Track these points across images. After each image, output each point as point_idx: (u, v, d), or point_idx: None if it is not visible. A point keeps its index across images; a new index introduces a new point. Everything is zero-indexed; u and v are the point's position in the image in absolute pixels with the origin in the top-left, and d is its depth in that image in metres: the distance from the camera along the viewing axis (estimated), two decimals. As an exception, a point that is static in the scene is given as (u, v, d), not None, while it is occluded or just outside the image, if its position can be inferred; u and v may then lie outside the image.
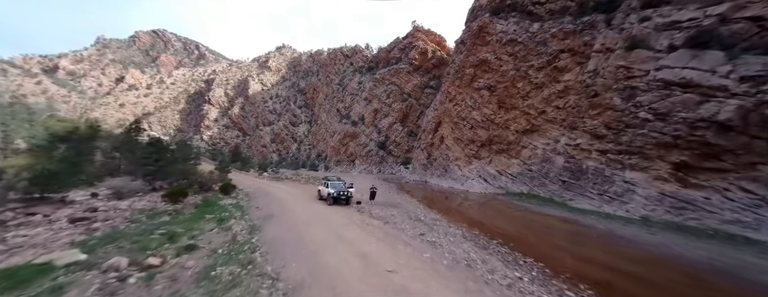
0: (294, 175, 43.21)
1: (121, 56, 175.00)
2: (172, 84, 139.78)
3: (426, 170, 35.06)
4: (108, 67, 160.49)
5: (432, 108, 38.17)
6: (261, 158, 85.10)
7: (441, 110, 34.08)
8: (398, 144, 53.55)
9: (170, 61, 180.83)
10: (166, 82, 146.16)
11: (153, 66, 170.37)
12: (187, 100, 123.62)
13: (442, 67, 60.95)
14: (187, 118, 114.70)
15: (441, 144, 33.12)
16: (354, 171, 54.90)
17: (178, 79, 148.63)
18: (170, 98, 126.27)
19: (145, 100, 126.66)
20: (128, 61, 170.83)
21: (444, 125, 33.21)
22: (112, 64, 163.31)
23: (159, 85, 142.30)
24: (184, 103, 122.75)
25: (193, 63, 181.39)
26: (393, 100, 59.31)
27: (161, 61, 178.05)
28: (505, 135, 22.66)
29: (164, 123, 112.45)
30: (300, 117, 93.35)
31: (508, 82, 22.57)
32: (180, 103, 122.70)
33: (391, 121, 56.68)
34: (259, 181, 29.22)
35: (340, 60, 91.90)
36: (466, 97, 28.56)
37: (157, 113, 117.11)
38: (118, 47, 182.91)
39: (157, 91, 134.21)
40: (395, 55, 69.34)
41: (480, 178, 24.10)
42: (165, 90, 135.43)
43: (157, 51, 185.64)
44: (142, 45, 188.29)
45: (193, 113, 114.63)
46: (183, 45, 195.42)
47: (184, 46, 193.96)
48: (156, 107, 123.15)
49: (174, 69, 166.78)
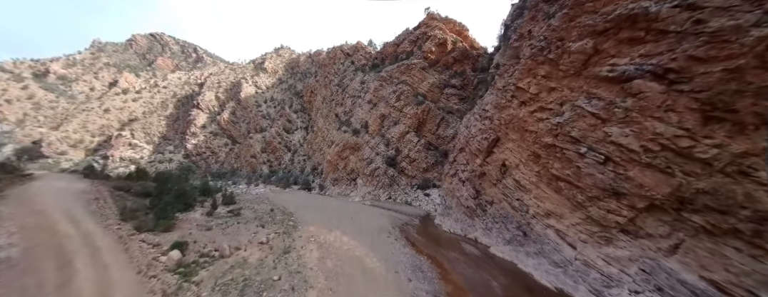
0: (266, 202, 28.53)
1: (117, 60, 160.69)
2: (164, 88, 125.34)
3: (473, 217, 20.15)
4: (101, 71, 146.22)
5: (473, 116, 23.21)
6: (250, 170, 70.47)
7: (500, 120, 19.17)
8: (413, 160, 38.71)
9: (167, 64, 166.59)
10: (160, 85, 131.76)
11: (149, 70, 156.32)
12: (176, 105, 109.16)
13: (466, 62, 46.11)
14: (173, 125, 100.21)
15: (503, 177, 18.24)
16: (355, 194, 40.08)
17: (172, 82, 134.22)
18: (159, 102, 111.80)
19: (133, 105, 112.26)
20: (124, 64, 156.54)
21: (508, 146, 18.30)
22: (106, 68, 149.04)
23: (151, 89, 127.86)
24: (173, 107, 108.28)
25: (191, 66, 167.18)
26: (404, 103, 44.51)
27: (158, 65, 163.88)
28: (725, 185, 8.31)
29: (148, 130, 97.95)
30: (295, 122, 78.67)
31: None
32: (168, 108, 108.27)
33: (402, 130, 41.89)
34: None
35: (339, 59, 77.21)
36: (575, 94, 13.82)
37: (142, 119, 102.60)
38: (114, 51, 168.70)
39: (147, 95, 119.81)
40: (405, 48, 54.52)
41: (643, 279, 9.52)
42: (156, 94, 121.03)
43: (155, 54, 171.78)
44: (138, 48, 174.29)
45: (180, 119, 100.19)
46: (181, 48, 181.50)
47: (182, 49, 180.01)
48: (144, 112, 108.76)
49: (170, 72, 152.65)
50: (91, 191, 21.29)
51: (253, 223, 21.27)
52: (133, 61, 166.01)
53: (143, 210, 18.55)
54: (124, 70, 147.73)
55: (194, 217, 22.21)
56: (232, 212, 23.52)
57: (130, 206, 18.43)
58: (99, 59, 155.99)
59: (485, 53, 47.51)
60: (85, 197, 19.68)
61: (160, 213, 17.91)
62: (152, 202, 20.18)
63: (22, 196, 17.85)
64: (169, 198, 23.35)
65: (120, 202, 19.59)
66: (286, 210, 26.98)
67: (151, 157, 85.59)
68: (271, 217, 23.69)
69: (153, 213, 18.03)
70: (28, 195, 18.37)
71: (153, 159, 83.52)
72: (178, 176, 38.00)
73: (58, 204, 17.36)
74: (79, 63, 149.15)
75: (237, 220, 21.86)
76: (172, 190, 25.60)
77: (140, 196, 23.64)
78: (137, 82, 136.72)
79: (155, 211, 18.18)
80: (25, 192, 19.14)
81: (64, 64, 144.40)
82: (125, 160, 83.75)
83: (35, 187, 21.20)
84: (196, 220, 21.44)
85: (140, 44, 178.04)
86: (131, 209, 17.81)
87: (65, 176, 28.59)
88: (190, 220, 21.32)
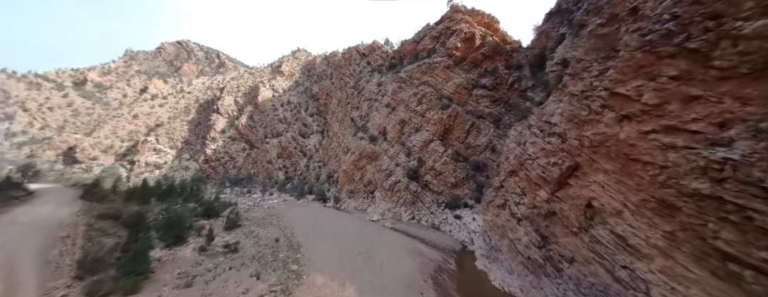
0: (275, 223, 23.98)
1: (147, 67, 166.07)
2: (188, 93, 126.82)
3: (538, 275, 14.17)
4: (133, 79, 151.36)
5: (529, 129, 17.11)
6: (266, 176, 67.54)
7: (579, 139, 13.08)
8: (439, 173, 32.94)
9: (192, 70, 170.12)
10: (185, 90, 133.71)
11: (176, 76, 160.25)
12: (198, 110, 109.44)
13: (498, 59, 39.43)
14: (195, 129, 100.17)
15: (590, 224, 12.26)
16: (373, 210, 35.00)
17: (195, 87, 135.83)
18: (182, 108, 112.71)
19: (159, 111, 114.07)
20: (153, 71, 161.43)
21: (596, 179, 12.15)
22: (137, 75, 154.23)
23: (177, 94, 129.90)
24: (195, 112, 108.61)
25: (213, 71, 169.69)
26: (427, 107, 38.69)
27: (184, 71, 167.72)
28: None
29: (172, 135, 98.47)
30: (311, 126, 74.89)
31: None
32: (190, 113, 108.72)
33: (425, 138, 36.18)
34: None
35: (355, 60, 72.26)
36: (754, 109, 7.96)
37: (166, 124, 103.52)
38: (145, 58, 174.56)
39: (172, 100, 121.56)
40: (426, 45, 48.47)
41: None
42: (181, 99, 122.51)
43: (181, 60, 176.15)
44: (167, 55, 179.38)
45: (201, 123, 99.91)
46: (205, 54, 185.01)
47: (206, 55, 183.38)
48: (169, 117, 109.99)
49: (195, 78, 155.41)
50: (67, 225, 17.68)
51: (249, 267, 16.63)
52: (162, 68, 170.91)
53: (111, 258, 14.42)
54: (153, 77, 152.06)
55: (183, 255, 17.95)
56: (228, 247, 19.10)
57: (95, 254, 14.32)
58: (131, 67, 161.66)
59: (520, 48, 40.57)
60: (55, 236, 15.98)
61: (129, 264, 13.64)
62: (127, 242, 16.08)
63: None
64: (162, 224, 19.38)
65: (89, 245, 15.64)
66: (293, 240, 22.28)
67: (173, 162, 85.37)
68: (273, 253, 19.02)
69: (122, 262, 13.83)
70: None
71: (174, 165, 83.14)
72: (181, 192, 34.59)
73: (11, 249, 13.64)
74: (114, 71, 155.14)
75: (231, 261, 17.35)
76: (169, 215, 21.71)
77: (129, 225, 19.81)
78: (165, 88, 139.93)
79: (123, 261, 13.94)
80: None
81: (100, 73, 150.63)
82: (150, 165, 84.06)
83: (8, 218, 17.93)
84: (182, 260, 17.14)
85: (168, 51, 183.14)
86: (94, 259, 13.69)
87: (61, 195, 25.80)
88: (175, 261, 17.04)
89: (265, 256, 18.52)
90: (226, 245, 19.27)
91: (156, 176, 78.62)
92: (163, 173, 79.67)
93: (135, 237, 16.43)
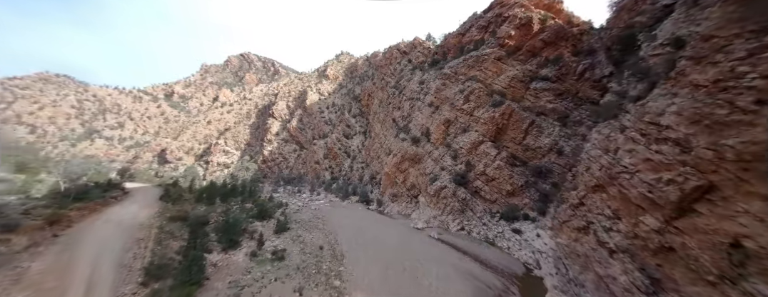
0: (320, 227, 23.88)
1: (218, 78, 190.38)
2: (249, 100, 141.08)
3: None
4: (207, 89, 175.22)
5: (623, 133, 13.08)
6: (314, 176, 70.66)
7: (717, 150, 9.11)
8: (491, 179, 29.24)
9: (252, 79, 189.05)
10: (247, 97, 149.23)
11: (240, 85, 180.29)
12: (257, 115, 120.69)
13: (562, 45, 33.52)
14: (255, 132, 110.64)
15: (739, 272, 8.38)
16: (418, 216, 32.99)
17: (255, 94, 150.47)
18: (245, 113, 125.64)
19: (227, 117, 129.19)
20: (223, 82, 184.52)
21: (747, 207, 8.26)
22: (210, 86, 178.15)
23: (241, 101, 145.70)
24: (255, 117, 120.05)
25: (270, 79, 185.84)
26: (475, 105, 34.93)
27: (246, 80, 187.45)
28: None
29: (237, 138, 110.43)
30: (354, 127, 75.81)
31: None
32: (251, 118, 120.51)
33: (474, 139, 32.62)
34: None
35: (396, 58, 70.52)
36: None
37: (233, 128, 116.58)
38: (216, 71, 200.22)
39: (237, 107, 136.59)
40: (473, 37, 44.12)
41: None
42: (244, 106, 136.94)
43: (244, 71, 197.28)
44: (232, 67, 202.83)
45: (260, 127, 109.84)
46: (262, 64, 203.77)
47: (263, 65, 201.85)
48: (235, 122, 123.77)
49: (255, 86, 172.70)
50: (144, 227, 19.89)
51: (293, 279, 16.28)
52: (229, 78, 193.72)
53: (175, 262, 15.43)
54: (222, 87, 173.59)
55: (236, 260, 18.60)
56: (275, 254, 19.25)
57: (160, 260, 15.44)
58: (205, 79, 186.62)
59: (591, 29, 33.77)
60: (133, 238, 17.98)
61: (185, 271, 14.29)
62: (188, 246, 17.21)
63: (72, 239, 16.74)
64: (221, 227, 20.63)
65: (158, 248, 17.13)
66: (337, 248, 21.65)
67: (238, 162, 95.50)
68: (317, 264, 18.54)
69: (179, 269, 14.61)
70: (78, 238, 17.29)
71: (238, 165, 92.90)
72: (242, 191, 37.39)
73: (96, 253, 15.52)
74: (193, 83, 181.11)
75: (277, 270, 17.31)
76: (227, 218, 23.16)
77: (196, 226, 21.56)
78: (231, 96, 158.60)
79: (181, 268, 14.70)
80: (83, 231, 18.32)
81: (183, 85, 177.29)
82: (220, 165, 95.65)
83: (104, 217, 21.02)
84: (234, 266, 17.70)
85: (233, 63, 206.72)
86: (159, 266, 14.68)
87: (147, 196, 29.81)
88: (228, 266, 17.67)
89: (309, 266, 18.13)
90: (274, 252, 19.50)
91: (225, 174, 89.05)
92: (230, 172, 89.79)
93: (194, 242, 17.57)
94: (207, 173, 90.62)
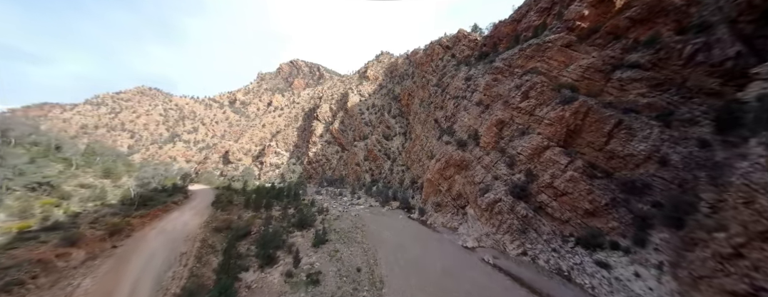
0: (359, 240, 21.85)
1: (271, 85, 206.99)
2: (297, 104, 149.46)
3: None
4: (263, 95, 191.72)
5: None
6: (354, 178, 70.29)
7: None
8: (562, 193, 23.53)
9: (300, 84, 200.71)
10: (295, 101, 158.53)
11: (290, 90, 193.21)
12: (303, 118, 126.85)
13: (660, 21, 25.71)
14: (301, 135, 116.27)
15: None
16: (466, 232, 28.82)
17: (302, 98, 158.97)
18: (293, 116, 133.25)
19: (278, 120, 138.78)
20: (275, 88, 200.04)
21: None
22: (265, 92, 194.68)
23: (290, 105, 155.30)
24: (301, 120, 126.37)
25: (315, 83, 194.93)
26: (537, 102, 29.08)
27: (294, 85, 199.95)
28: None
29: (287, 140, 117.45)
30: (394, 128, 73.31)
31: None
32: (299, 121, 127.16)
33: (536, 143, 27.00)
34: None
35: (438, 54, 65.66)
36: None
37: (283, 131, 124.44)
38: (270, 78, 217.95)
39: (287, 111, 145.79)
40: (531, 22, 37.53)
41: None
42: (293, 109, 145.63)
43: (293, 77, 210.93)
44: (283, 74, 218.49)
45: (306, 129, 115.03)
46: (309, 69, 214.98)
47: (310, 70, 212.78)
48: (285, 125, 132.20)
49: (302, 90, 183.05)
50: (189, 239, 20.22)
51: (325, 310, 14.23)
52: (281, 84, 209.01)
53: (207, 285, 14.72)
54: (275, 93, 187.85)
55: (270, 281, 17.42)
56: (310, 278, 17.58)
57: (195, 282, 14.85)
58: (261, 86, 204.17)
59: (705, -4, 25.03)
60: (177, 253, 18.17)
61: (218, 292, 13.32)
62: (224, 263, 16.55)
63: (126, 252, 17.46)
64: (261, 239, 19.99)
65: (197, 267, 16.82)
66: (375, 271, 19.20)
67: (286, 164, 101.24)
68: (353, 292, 16.30)
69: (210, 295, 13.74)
70: (131, 250, 17.98)
71: (286, 167, 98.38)
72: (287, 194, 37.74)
73: (140, 270, 15.69)
74: (251, 91, 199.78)
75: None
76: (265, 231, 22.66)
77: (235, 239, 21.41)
78: (282, 101, 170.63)
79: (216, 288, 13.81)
80: (138, 242, 19.15)
81: (243, 93, 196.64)
82: (272, 165, 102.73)
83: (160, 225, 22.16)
84: (268, 288, 16.50)
85: (284, 70, 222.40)
86: (191, 292, 13.99)
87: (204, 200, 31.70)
88: (263, 288, 16.53)
89: (345, 294, 15.97)
90: (309, 274, 17.85)
91: (276, 174, 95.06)
92: (280, 172, 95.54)
93: (228, 262, 16.91)
94: (261, 173, 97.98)
